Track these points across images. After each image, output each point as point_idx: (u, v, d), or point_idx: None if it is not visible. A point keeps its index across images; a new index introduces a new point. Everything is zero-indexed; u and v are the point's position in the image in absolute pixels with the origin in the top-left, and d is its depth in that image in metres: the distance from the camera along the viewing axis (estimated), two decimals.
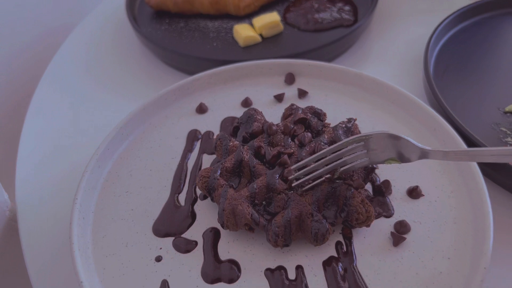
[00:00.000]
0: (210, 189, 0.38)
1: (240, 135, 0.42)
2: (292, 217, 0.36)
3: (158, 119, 0.48)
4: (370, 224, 0.37)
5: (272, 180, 0.37)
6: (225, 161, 0.39)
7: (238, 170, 0.39)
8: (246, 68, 0.51)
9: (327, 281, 0.35)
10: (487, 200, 0.37)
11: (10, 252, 0.46)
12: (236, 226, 0.37)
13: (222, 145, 0.41)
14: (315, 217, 0.36)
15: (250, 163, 0.38)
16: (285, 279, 0.35)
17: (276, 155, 0.38)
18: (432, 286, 0.34)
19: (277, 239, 0.35)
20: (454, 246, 0.37)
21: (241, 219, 0.36)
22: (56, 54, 0.64)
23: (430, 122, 0.44)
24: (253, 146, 0.40)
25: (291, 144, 0.40)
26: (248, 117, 0.43)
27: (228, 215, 0.36)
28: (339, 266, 0.36)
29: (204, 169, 0.39)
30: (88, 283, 0.35)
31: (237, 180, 0.39)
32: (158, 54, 0.60)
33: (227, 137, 0.41)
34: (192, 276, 0.36)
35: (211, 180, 0.38)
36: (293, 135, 0.41)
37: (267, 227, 0.36)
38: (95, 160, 0.42)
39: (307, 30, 0.60)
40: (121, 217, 0.40)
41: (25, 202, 0.46)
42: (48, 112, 0.56)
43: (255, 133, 0.42)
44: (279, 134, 0.41)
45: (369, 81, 0.49)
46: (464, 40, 0.56)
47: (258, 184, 0.37)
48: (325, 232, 0.35)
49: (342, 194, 0.36)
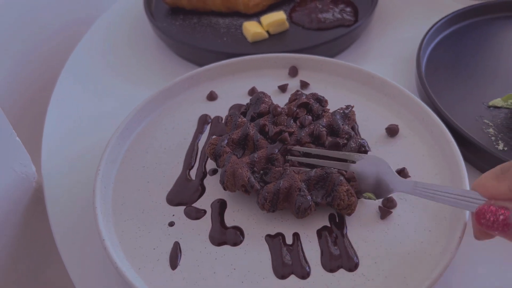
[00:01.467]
0: (216, 155, 0.43)
1: (249, 115, 0.47)
2: (282, 187, 0.40)
3: (172, 104, 0.53)
4: (351, 213, 0.40)
5: (272, 151, 0.42)
6: (232, 133, 0.44)
7: (243, 142, 0.44)
8: (253, 60, 0.56)
9: (320, 246, 0.40)
10: (466, 181, 0.41)
11: (36, 221, 0.51)
12: (234, 186, 0.42)
13: (232, 120, 0.45)
14: (301, 192, 0.40)
15: (254, 137, 0.43)
16: (283, 243, 0.40)
17: (278, 132, 0.43)
18: (414, 253, 0.39)
19: (264, 202, 0.40)
20: (435, 221, 0.41)
21: (239, 181, 0.41)
22: (78, 45, 0.69)
23: (419, 113, 0.49)
24: (258, 123, 0.45)
25: (292, 125, 0.44)
26: (257, 99, 0.48)
27: (229, 176, 0.41)
28: (332, 235, 0.40)
29: (213, 137, 0.45)
30: (110, 241, 0.39)
31: (241, 151, 0.44)
32: (172, 47, 0.65)
33: (237, 114, 0.46)
34: (201, 239, 0.41)
35: (218, 147, 0.43)
36: (295, 117, 0.45)
37: (259, 191, 0.40)
38: (115, 138, 0.47)
39: (310, 28, 0.65)
40: (138, 187, 0.45)
41: (50, 174, 0.50)
42: (71, 96, 0.60)
43: (261, 113, 0.46)
44: (283, 115, 0.45)
45: (365, 75, 0.53)
46: (455, 42, 0.61)
47: (259, 154, 0.42)
48: (307, 207, 0.39)
49: (332, 180, 0.40)
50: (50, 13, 0.73)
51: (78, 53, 0.68)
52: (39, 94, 0.71)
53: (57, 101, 0.60)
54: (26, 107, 0.70)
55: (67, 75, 0.64)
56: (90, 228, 0.44)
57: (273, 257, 0.39)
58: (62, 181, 0.50)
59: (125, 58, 0.66)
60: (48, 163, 0.52)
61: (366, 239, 0.40)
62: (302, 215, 0.40)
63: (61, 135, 0.55)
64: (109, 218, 0.42)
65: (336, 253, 0.39)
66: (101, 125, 0.56)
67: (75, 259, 0.43)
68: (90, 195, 0.45)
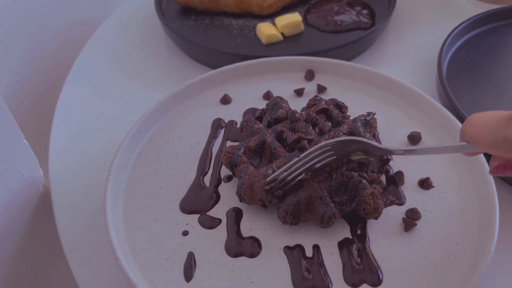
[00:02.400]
0: (232, 164, 0.41)
1: (265, 120, 0.45)
2: (302, 198, 0.38)
3: (184, 107, 0.51)
4: (378, 217, 0.39)
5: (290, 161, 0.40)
6: (249, 141, 0.42)
7: (260, 150, 0.42)
8: (268, 63, 0.54)
9: (341, 259, 0.38)
10: (494, 192, 0.40)
11: (43, 227, 0.49)
12: (251, 200, 0.40)
13: (248, 126, 0.44)
14: (323, 200, 0.38)
15: (271, 145, 0.41)
16: (302, 256, 0.38)
17: (296, 139, 0.41)
18: (440, 268, 0.37)
19: (286, 215, 0.38)
20: (461, 234, 0.39)
21: (256, 195, 0.39)
22: (86, 45, 0.67)
23: (441, 119, 0.47)
24: (276, 130, 0.43)
25: (311, 132, 0.43)
26: (274, 104, 0.46)
27: (246, 189, 0.39)
28: (353, 247, 0.39)
29: (229, 146, 0.43)
30: (121, 251, 0.38)
31: (258, 159, 0.42)
32: (183, 48, 0.63)
33: (253, 120, 0.44)
34: (216, 250, 0.39)
35: (234, 156, 0.41)
36: (314, 124, 0.43)
37: (278, 205, 0.39)
38: (127, 141, 0.45)
39: (326, 31, 0.63)
40: (150, 194, 0.43)
41: (58, 178, 0.49)
42: (79, 98, 0.59)
43: (279, 118, 0.44)
44: (301, 121, 0.44)
45: (385, 79, 0.51)
46: (477, 46, 0.59)
47: (277, 164, 0.40)
48: (331, 215, 0.38)
49: (354, 184, 0.39)
50: (57, 12, 0.71)
51: (86, 54, 0.66)
52: (47, 95, 0.69)
53: (64, 103, 0.58)
54: (33, 108, 0.69)
55: (75, 76, 0.62)
56: (99, 236, 0.43)
57: (293, 270, 0.37)
58: (70, 185, 0.48)
59: (134, 59, 0.65)
60: (55, 167, 0.50)
61: (390, 252, 0.38)
62: (327, 224, 0.38)
63: (69, 137, 0.53)
64: (120, 226, 0.41)
65: (359, 267, 0.37)
66: (110, 128, 0.54)
67: (83, 267, 0.42)
68: (100, 201, 0.43)
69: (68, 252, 0.43)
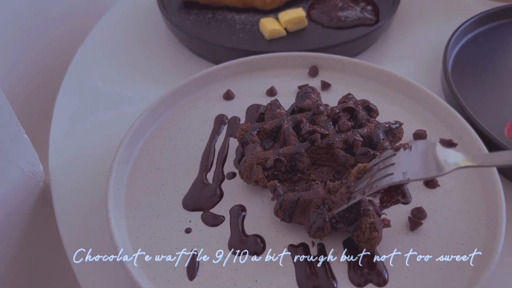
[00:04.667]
0: (243, 142, 0.42)
1: (291, 107, 0.45)
2: (301, 199, 0.37)
3: (187, 102, 0.51)
4: (371, 249, 0.36)
5: (298, 150, 0.40)
6: (265, 123, 0.42)
7: (275, 135, 0.42)
8: (272, 59, 0.54)
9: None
10: (501, 191, 0.39)
11: (43, 223, 0.49)
12: (249, 180, 0.40)
13: (271, 109, 0.43)
14: (320, 210, 0.37)
15: (286, 131, 0.41)
16: (307, 255, 0.38)
17: (310, 131, 0.41)
18: (446, 268, 0.37)
19: (279, 209, 0.38)
20: (468, 234, 0.39)
21: (253, 175, 0.39)
22: (86, 39, 0.66)
23: (447, 118, 0.46)
24: (295, 118, 0.43)
25: (330, 128, 0.42)
26: (304, 93, 0.46)
27: (246, 168, 0.40)
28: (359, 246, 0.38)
29: (246, 124, 0.43)
30: (123, 248, 0.37)
31: (271, 143, 0.43)
32: (185, 43, 0.62)
33: (277, 104, 0.45)
34: (220, 247, 0.38)
35: (247, 134, 0.42)
36: (336, 120, 0.42)
37: (279, 197, 0.38)
38: (129, 137, 0.45)
39: (330, 27, 0.62)
40: (152, 191, 0.43)
41: (58, 174, 0.48)
42: (79, 92, 0.58)
43: (303, 108, 0.44)
44: (324, 115, 0.43)
45: (390, 77, 0.51)
46: (482, 44, 0.58)
47: (284, 150, 0.40)
48: (320, 227, 0.36)
49: (359, 208, 0.36)
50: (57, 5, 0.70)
51: (86, 47, 0.65)
52: (46, 89, 0.68)
53: (65, 97, 0.57)
54: (33, 102, 0.68)
55: (76, 70, 0.61)
56: (100, 232, 0.42)
57: (297, 269, 0.37)
58: (71, 180, 0.47)
59: (136, 54, 0.64)
60: (55, 162, 0.49)
61: (395, 251, 0.38)
62: (313, 234, 0.37)
63: (70, 132, 0.53)
64: (122, 223, 0.40)
65: (364, 266, 0.37)
66: (111, 123, 0.53)
67: (84, 264, 0.41)
68: (101, 197, 0.42)
69: (69, 248, 0.42)
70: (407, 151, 0.35)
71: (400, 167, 0.34)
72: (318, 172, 0.41)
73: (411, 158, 0.34)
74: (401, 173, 0.33)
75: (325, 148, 0.41)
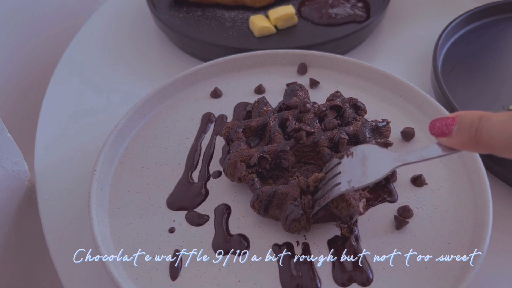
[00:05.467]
0: (229, 139, 0.42)
1: (278, 105, 0.45)
2: (278, 191, 0.37)
3: (174, 100, 0.50)
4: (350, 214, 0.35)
5: (282, 148, 0.39)
6: (251, 121, 0.42)
7: (260, 132, 0.42)
8: (260, 56, 0.53)
9: (331, 258, 0.37)
10: (488, 190, 0.39)
11: (28, 223, 0.48)
12: (233, 177, 0.40)
13: (258, 107, 0.44)
14: (296, 202, 0.36)
15: (272, 129, 0.41)
16: (291, 254, 0.37)
17: (296, 129, 0.40)
18: (432, 267, 0.36)
19: (255, 201, 0.37)
20: (454, 232, 0.38)
21: (237, 173, 0.39)
22: (75, 37, 0.65)
23: (436, 115, 0.46)
24: (282, 116, 0.42)
25: (316, 126, 0.41)
26: (291, 91, 0.45)
27: (230, 165, 0.40)
28: (343, 245, 0.38)
29: (232, 121, 0.43)
30: (105, 248, 0.36)
31: (257, 141, 0.42)
32: (175, 40, 0.62)
33: (264, 101, 0.44)
34: (203, 247, 0.38)
35: (232, 131, 0.41)
36: (322, 118, 0.42)
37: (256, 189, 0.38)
38: (113, 136, 0.44)
39: (320, 24, 0.62)
40: (136, 190, 0.42)
41: (43, 173, 0.47)
42: (67, 91, 0.57)
43: (290, 105, 0.44)
44: (310, 113, 0.42)
45: (378, 74, 0.50)
46: (472, 41, 0.58)
47: (269, 148, 0.39)
48: (296, 218, 0.36)
49: None
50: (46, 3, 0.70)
51: (75, 46, 0.64)
52: (33, 88, 0.68)
53: (52, 96, 0.57)
54: (19, 101, 0.67)
55: (63, 68, 0.61)
56: (85, 232, 0.42)
57: (281, 269, 0.36)
58: (57, 180, 0.47)
59: (124, 51, 0.63)
60: (41, 161, 0.49)
61: (381, 251, 0.37)
62: (288, 227, 0.37)
63: (56, 131, 0.52)
64: (105, 222, 0.39)
65: (349, 266, 0.36)
66: (98, 122, 0.53)
67: (67, 264, 0.40)
68: (86, 196, 0.42)
69: (53, 248, 0.42)
70: (349, 158, 0.35)
71: (346, 175, 0.34)
72: (303, 170, 0.40)
73: (354, 164, 0.34)
74: (346, 181, 0.34)
75: (311, 146, 0.40)
